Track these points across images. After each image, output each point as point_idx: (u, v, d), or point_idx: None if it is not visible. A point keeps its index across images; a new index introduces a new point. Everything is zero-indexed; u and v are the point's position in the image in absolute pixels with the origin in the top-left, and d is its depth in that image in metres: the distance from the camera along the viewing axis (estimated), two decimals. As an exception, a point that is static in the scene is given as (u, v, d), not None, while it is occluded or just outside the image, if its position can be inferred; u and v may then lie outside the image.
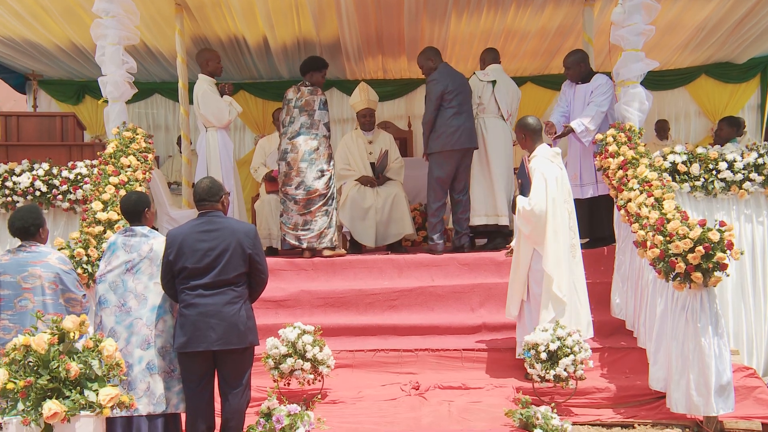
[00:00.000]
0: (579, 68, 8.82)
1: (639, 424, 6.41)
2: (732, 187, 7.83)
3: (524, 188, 6.89)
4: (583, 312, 6.82)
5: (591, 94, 8.57)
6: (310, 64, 9.28)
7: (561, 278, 6.62)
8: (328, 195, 8.90)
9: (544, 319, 6.59)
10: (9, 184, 8.08)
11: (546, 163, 6.84)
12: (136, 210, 5.83)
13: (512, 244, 7.22)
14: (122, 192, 7.20)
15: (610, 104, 8.47)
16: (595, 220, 8.62)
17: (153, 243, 5.73)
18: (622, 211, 7.18)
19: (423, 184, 9.52)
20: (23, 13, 9.75)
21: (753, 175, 7.83)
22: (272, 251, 9.80)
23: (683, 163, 7.83)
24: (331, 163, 9.01)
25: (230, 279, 5.47)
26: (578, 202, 8.44)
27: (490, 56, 9.53)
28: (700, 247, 5.94)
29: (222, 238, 5.51)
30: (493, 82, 9.21)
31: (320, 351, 6.41)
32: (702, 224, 6.09)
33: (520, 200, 6.79)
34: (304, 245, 8.85)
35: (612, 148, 7.66)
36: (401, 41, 11.13)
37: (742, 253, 6.13)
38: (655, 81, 11.63)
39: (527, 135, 7.05)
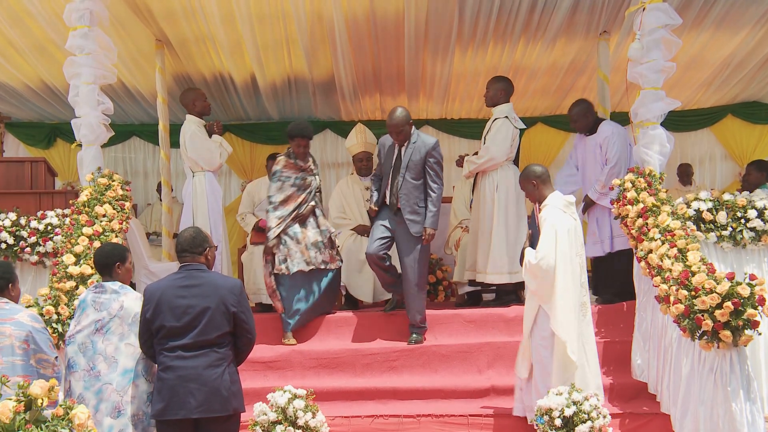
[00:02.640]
0: (586, 119, 8.86)
1: (664, 499, 6.36)
2: (763, 237, 7.80)
3: (534, 239, 6.84)
4: (591, 376, 6.70)
5: (600, 148, 8.64)
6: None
7: (572, 339, 6.55)
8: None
9: (554, 384, 6.52)
10: (-28, 235, 8.07)
11: (557, 213, 6.77)
12: (107, 263, 5.82)
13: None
14: (96, 244, 7.16)
15: (621, 152, 8.51)
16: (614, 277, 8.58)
17: (123, 300, 5.70)
18: (643, 263, 7.16)
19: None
20: (-10, 49, 9.83)
21: (785, 224, 7.83)
22: (262, 307, 9.73)
23: (709, 210, 7.81)
24: (271, 232, 8.59)
25: (212, 339, 5.43)
26: (598, 259, 8.54)
27: (507, 90, 9.06)
28: (729, 303, 5.90)
29: (203, 294, 5.48)
30: (522, 130, 9.12)
31: (313, 417, 6.35)
32: (730, 278, 6.06)
33: (528, 253, 6.76)
34: None
35: (630, 194, 7.63)
36: (401, 79, 11.20)
37: (775, 310, 6.10)
38: (676, 122, 11.69)
39: (538, 184, 6.96)
